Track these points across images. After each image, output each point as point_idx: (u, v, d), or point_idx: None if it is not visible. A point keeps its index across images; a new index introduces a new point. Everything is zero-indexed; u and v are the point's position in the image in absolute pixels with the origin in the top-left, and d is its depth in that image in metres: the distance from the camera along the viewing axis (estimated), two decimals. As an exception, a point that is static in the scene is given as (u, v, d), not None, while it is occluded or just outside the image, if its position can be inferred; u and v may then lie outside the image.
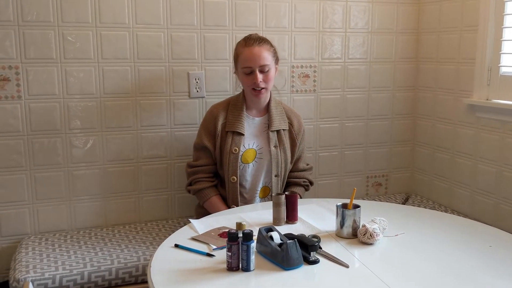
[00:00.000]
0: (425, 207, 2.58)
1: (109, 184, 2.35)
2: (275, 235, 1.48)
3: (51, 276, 1.83)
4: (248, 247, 1.37)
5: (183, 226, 2.37)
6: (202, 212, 2.13)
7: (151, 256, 1.52)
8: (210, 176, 2.13)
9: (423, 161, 2.86)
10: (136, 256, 1.99)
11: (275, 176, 2.13)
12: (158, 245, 2.09)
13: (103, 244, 2.13)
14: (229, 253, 1.38)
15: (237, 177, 2.06)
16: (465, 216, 2.45)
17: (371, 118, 2.79)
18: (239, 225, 1.42)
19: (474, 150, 2.48)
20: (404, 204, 2.73)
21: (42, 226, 2.27)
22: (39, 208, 2.26)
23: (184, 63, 2.38)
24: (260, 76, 2.00)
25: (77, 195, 2.31)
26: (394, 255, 1.51)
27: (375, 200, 2.74)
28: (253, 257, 1.39)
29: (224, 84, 2.45)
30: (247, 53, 2.00)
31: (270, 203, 1.98)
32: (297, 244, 1.42)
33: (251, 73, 2.01)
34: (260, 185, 2.14)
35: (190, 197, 2.28)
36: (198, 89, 2.42)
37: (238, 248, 1.38)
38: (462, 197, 2.58)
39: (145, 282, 1.94)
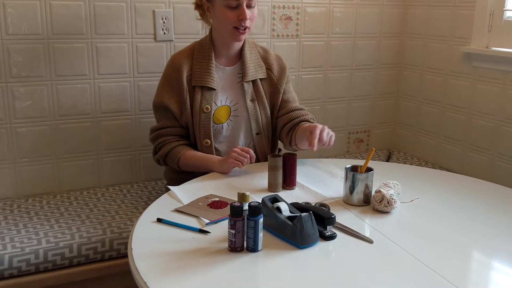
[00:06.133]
0: (411, 164, 2.42)
1: (62, 144, 2.05)
2: (282, 206, 1.24)
3: (-3, 256, 1.52)
4: (256, 223, 1.13)
5: (151, 191, 2.11)
6: (175, 177, 1.82)
7: (130, 234, 1.22)
8: (177, 138, 1.80)
9: (407, 115, 2.67)
10: (100, 228, 1.70)
11: (257, 134, 1.84)
12: (126, 215, 1.84)
13: (59, 214, 1.82)
14: (233, 231, 1.13)
15: (211, 140, 1.76)
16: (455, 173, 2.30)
17: (355, 69, 2.55)
18: (242, 196, 1.15)
19: (469, 103, 2.31)
20: (387, 161, 2.56)
21: (-18, 194, 1.96)
22: (-23, 173, 1.94)
23: (149, -1, 2.06)
24: (248, 12, 1.68)
25: (24, 156, 1.99)
26: (415, 223, 1.34)
27: (358, 158, 2.54)
28: (261, 234, 1.14)
29: (197, 25, 2.12)
30: None
31: (252, 166, 1.72)
32: (313, 217, 1.19)
33: (236, 7, 1.68)
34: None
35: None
36: (165, 31, 2.10)
37: (243, 224, 1.13)
38: (452, 153, 2.42)
39: (113, 258, 1.68)
